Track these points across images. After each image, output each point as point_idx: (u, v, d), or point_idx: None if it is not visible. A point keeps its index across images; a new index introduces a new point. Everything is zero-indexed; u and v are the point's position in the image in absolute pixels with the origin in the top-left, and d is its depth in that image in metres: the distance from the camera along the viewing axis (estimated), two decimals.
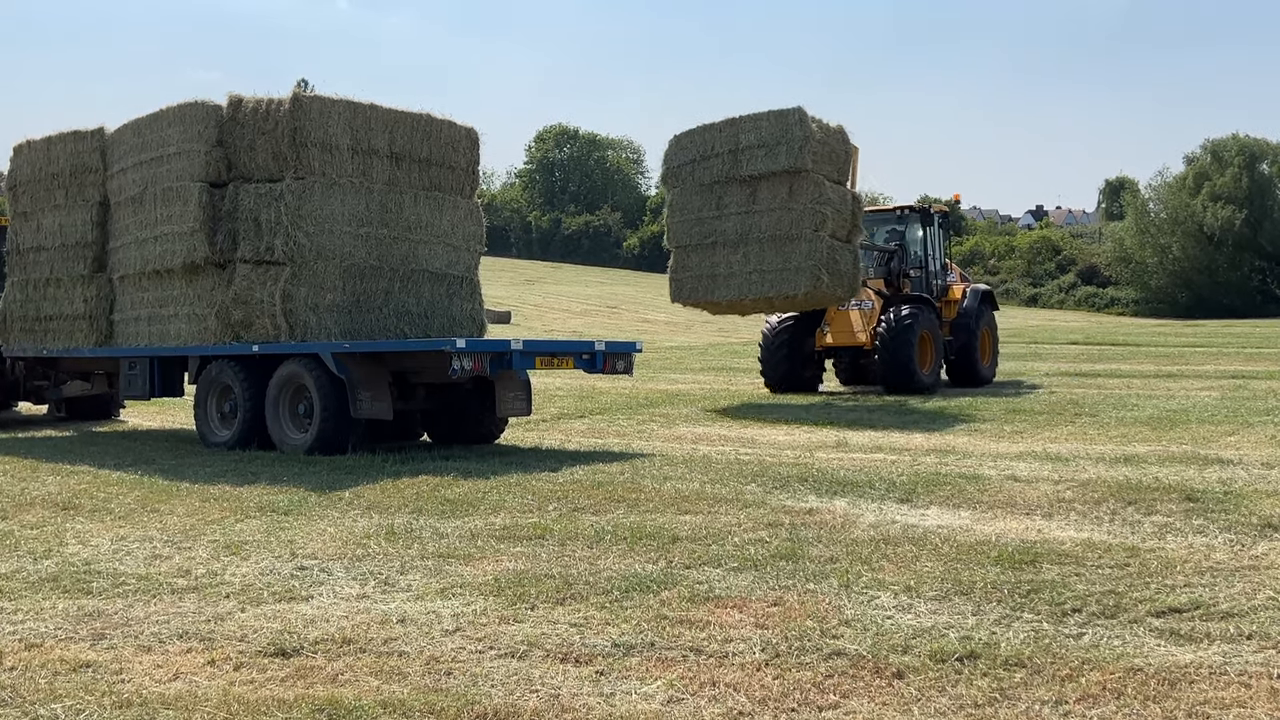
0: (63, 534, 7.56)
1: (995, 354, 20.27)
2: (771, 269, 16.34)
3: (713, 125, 16.99)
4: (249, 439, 11.81)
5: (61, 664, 4.76)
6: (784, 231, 16.19)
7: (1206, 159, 74.18)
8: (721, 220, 16.89)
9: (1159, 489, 8.05)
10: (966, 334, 19.22)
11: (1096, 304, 72.70)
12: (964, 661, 4.50)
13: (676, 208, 17.49)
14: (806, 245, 15.95)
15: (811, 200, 15.93)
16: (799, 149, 15.91)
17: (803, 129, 15.92)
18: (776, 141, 16.14)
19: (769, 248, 16.36)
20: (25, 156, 14.79)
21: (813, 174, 15.97)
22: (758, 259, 16.47)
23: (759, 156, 16.31)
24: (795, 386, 18.70)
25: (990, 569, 5.89)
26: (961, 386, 18.95)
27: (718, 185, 16.89)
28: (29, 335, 14.79)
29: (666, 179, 17.74)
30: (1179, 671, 4.35)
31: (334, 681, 4.50)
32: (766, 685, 4.33)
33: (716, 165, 16.87)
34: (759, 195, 16.46)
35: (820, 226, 15.92)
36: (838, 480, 8.84)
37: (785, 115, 16.15)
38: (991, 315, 20.30)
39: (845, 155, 16.81)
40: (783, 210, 16.21)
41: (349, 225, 12.06)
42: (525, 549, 6.69)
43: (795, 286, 16.13)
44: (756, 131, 16.36)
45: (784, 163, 16.07)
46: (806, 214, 15.95)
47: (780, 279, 16.26)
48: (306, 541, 7.08)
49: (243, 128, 12.03)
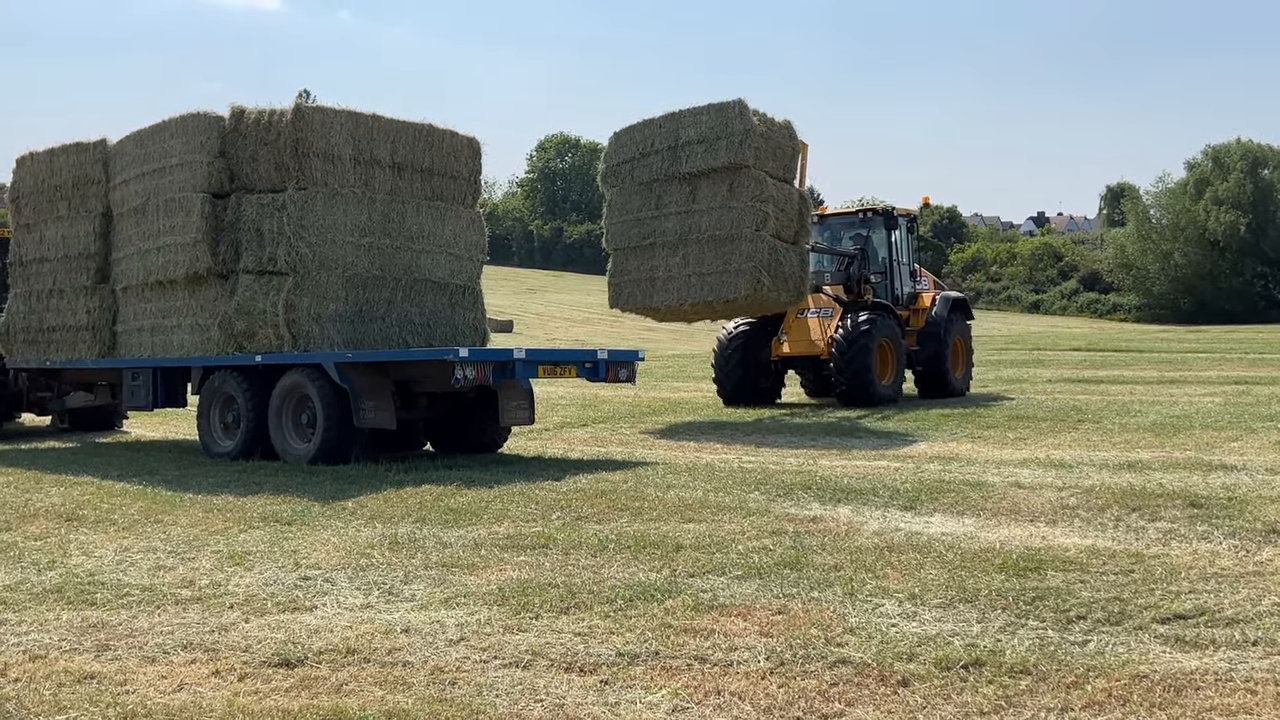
0: (67, 545, 7.56)
1: (969, 364, 19.22)
2: (711, 271, 15.40)
3: (653, 120, 16.08)
4: (252, 449, 11.82)
5: (66, 675, 4.75)
6: (724, 232, 15.24)
7: (1208, 165, 74.20)
8: (661, 220, 15.93)
9: (1163, 495, 8.04)
10: (936, 343, 18.12)
11: (1099, 310, 72.73)
12: (969, 669, 4.49)
13: (616, 208, 16.47)
14: (747, 246, 15.00)
15: (752, 198, 14.99)
16: (739, 144, 14.97)
17: (743, 123, 14.98)
18: (717, 136, 15.21)
19: (708, 249, 15.41)
20: (28, 168, 14.82)
21: (753, 170, 15.04)
22: (697, 261, 15.51)
23: (699, 153, 15.38)
24: (751, 398, 17.66)
25: (995, 576, 5.88)
26: (932, 398, 17.97)
27: (657, 184, 15.94)
28: (32, 347, 14.81)
29: (606, 178, 16.70)
30: (1185, 678, 4.34)
31: (338, 692, 4.49)
32: (771, 694, 4.33)
33: (656, 162, 15.91)
34: (699, 194, 15.53)
35: (761, 226, 14.98)
36: (841, 488, 8.83)
37: (726, 109, 15.24)
38: (965, 324, 19.23)
39: (792, 151, 15.84)
40: (723, 209, 15.27)
41: (351, 235, 12.08)
42: (529, 558, 6.69)
43: (734, 290, 15.19)
44: (697, 126, 15.43)
45: (724, 159, 15.13)
46: (747, 213, 15.01)
47: (719, 282, 15.33)
48: (310, 551, 7.07)
49: (245, 138, 12.05)
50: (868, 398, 16.39)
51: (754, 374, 17.73)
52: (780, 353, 17.56)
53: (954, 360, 18.50)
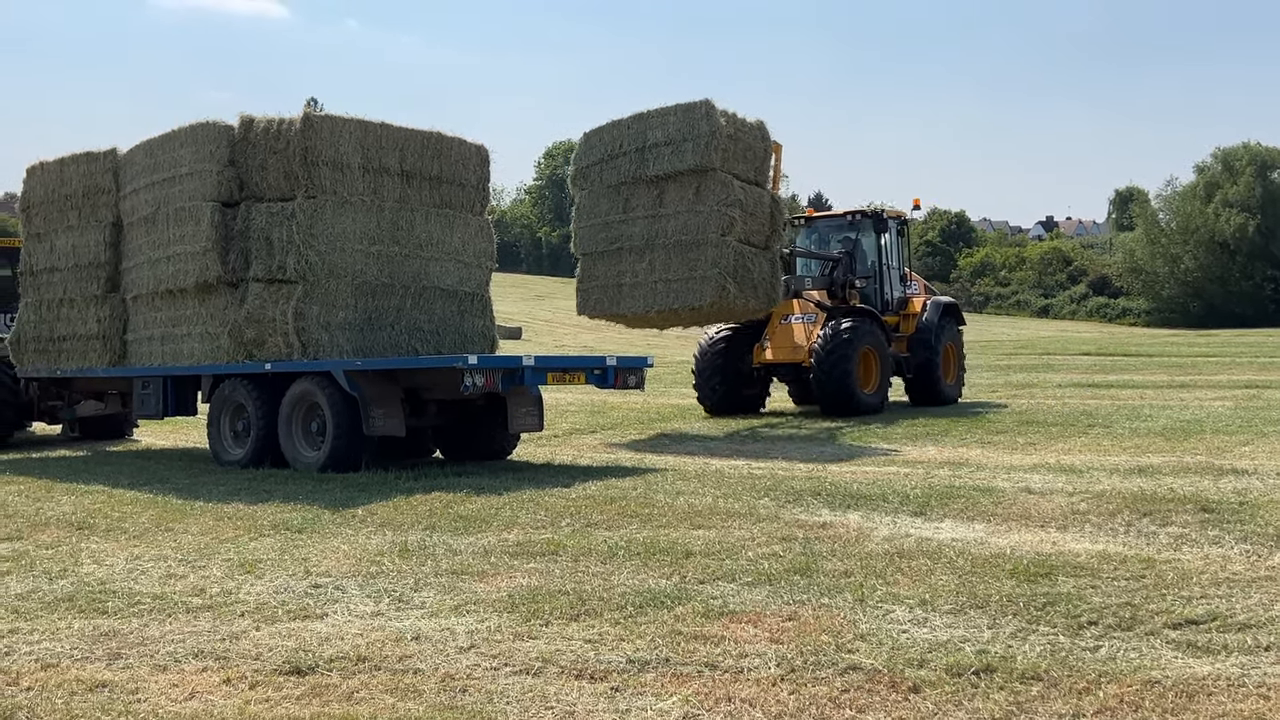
0: (78, 554, 7.58)
1: (961, 371, 18.64)
2: (677, 278, 14.96)
3: (621, 121, 15.61)
4: (262, 457, 11.84)
5: (78, 684, 4.77)
6: (690, 237, 14.82)
7: (1217, 168, 74.13)
8: (628, 224, 15.49)
9: (1174, 500, 8.02)
10: (926, 350, 17.55)
11: (1108, 314, 72.62)
12: (980, 675, 4.48)
13: (584, 211, 16.07)
14: (712, 251, 14.57)
15: (718, 202, 14.56)
16: (705, 146, 14.51)
17: (709, 124, 14.53)
18: (683, 138, 14.76)
19: (674, 255, 14.98)
20: (38, 178, 14.88)
21: (720, 173, 14.60)
22: (663, 267, 15.09)
23: (666, 155, 14.92)
24: (735, 407, 17.20)
25: (1005, 582, 5.87)
26: (923, 406, 17.47)
27: (625, 186, 15.51)
28: (43, 356, 14.85)
29: (575, 180, 16.29)
30: (1197, 684, 4.33)
31: (349, 699, 4.50)
32: (782, 700, 4.32)
33: (624, 165, 15.46)
34: (666, 197, 15.10)
35: (728, 231, 14.54)
36: (851, 494, 8.82)
37: (692, 109, 14.81)
38: (956, 330, 18.65)
39: (764, 153, 15.38)
40: (690, 213, 14.85)
41: (360, 243, 12.11)
42: (539, 565, 6.69)
43: (700, 297, 14.73)
44: (664, 128, 14.99)
45: (690, 161, 14.67)
46: (713, 217, 14.59)
47: (685, 289, 14.86)
48: (320, 559, 7.09)
49: (254, 147, 12.09)
50: (849, 407, 15.91)
51: (736, 382, 17.24)
52: (763, 360, 17.07)
53: (945, 367, 18.03)
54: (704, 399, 17.33)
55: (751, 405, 17.60)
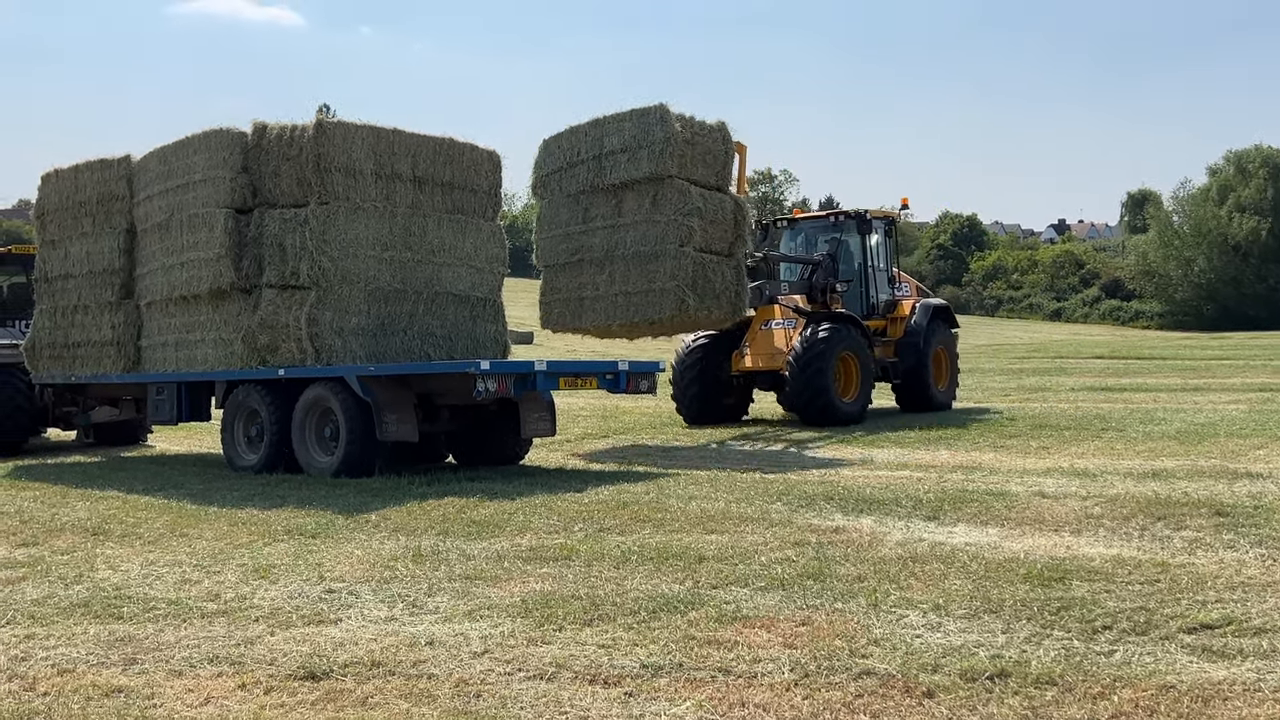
0: (93, 559, 7.62)
1: (954, 376, 18.06)
2: (636, 290, 14.36)
3: (579, 127, 15.03)
4: (276, 462, 11.88)
5: (94, 689, 4.79)
6: (648, 248, 14.23)
7: (1230, 170, 73.78)
8: (588, 235, 14.90)
9: (1188, 504, 7.99)
10: (915, 354, 16.96)
11: (1121, 318, 72.36)
12: (995, 680, 4.48)
13: (545, 222, 15.55)
14: (670, 263, 13.97)
15: (675, 211, 13.98)
16: (660, 153, 13.96)
17: (664, 130, 13.97)
18: (639, 145, 14.21)
19: (633, 266, 14.39)
20: (53, 185, 14.96)
21: (677, 180, 14.02)
22: (623, 279, 14.49)
23: (622, 162, 14.36)
24: (715, 417, 16.68)
25: (1019, 586, 5.86)
26: (914, 413, 16.97)
27: (584, 195, 14.92)
28: (57, 362, 14.92)
29: (536, 189, 15.76)
30: (1212, 689, 4.32)
31: (364, 704, 4.51)
32: (796, 705, 4.32)
33: (583, 173, 14.86)
34: (624, 206, 14.50)
35: (686, 241, 13.95)
36: (864, 498, 8.81)
37: (647, 114, 14.25)
38: (948, 333, 18.02)
39: (725, 156, 14.76)
40: (647, 223, 14.27)
41: (373, 249, 12.14)
42: (552, 570, 6.70)
43: (659, 310, 14.17)
44: (620, 134, 14.41)
45: (646, 169, 14.11)
46: (671, 227, 14.01)
47: (644, 301, 14.28)
48: (334, 564, 7.11)
49: (267, 154, 12.14)
50: (827, 416, 15.38)
51: (715, 391, 16.72)
52: (742, 367, 16.57)
53: (937, 372, 17.48)
54: (682, 409, 16.90)
55: (733, 414, 17.12)
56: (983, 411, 16.85)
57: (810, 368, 15.31)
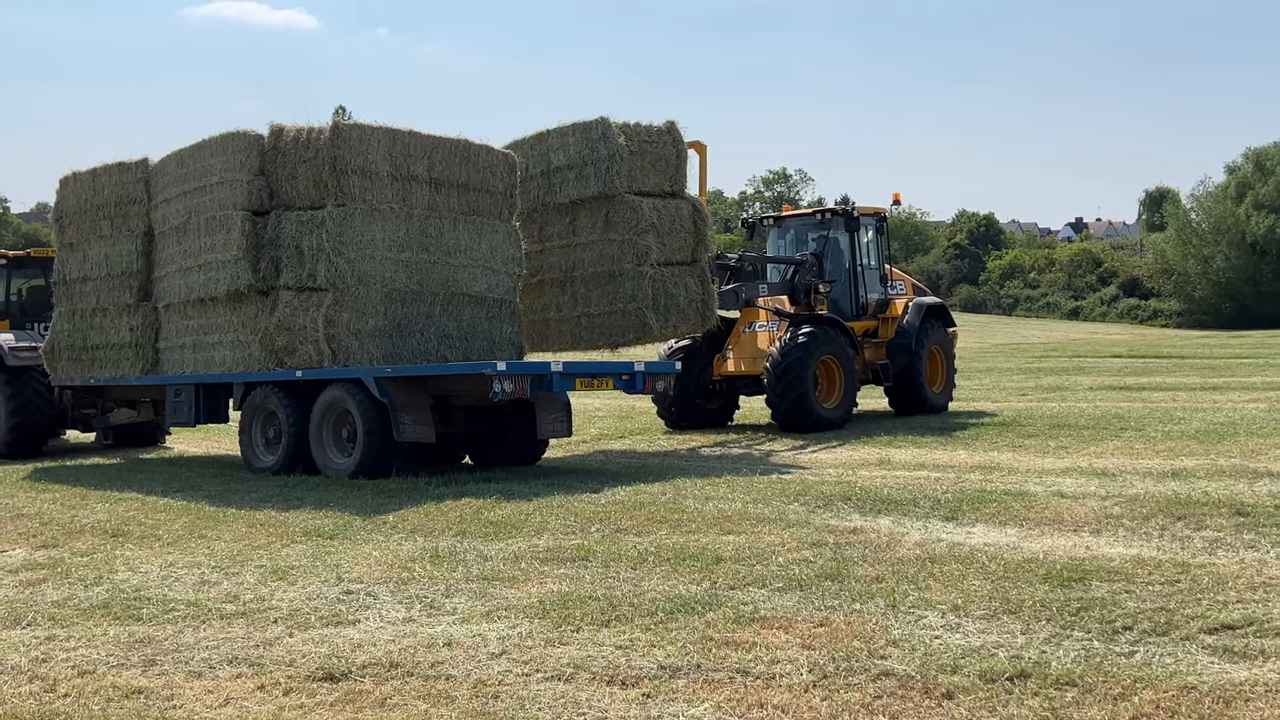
0: (112, 561, 7.65)
1: (950, 377, 17.37)
2: (598, 311, 14.03)
3: (523, 141, 14.63)
4: (293, 464, 11.91)
5: (114, 691, 4.81)
6: (605, 268, 13.89)
7: (1249, 168, 73.24)
8: (546, 255, 14.53)
9: (1208, 504, 7.95)
10: (907, 355, 16.25)
11: (1139, 316, 71.94)
12: (1014, 681, 4.46)
13: None
14: (629, 284, 13.64)
15: (629, 230, 13.60)
16: (606, 170, 13.61)
17: (608, 146, 13.61)
18: (585, 162, 13.86)
19: (593, 287, 14.05)
20: (71, 188, 15.03)
21: (627, 197, 13.67)
22: (584, 300, 14.16)
23: (570, 180, 14.01)
24: (699, 421, 16.19)
25: (1039, 587, 5.84)
26: (909, 415, 16.33)
27: (537, 213, 14.52)
28: (76, 364, 14.99)
29: None
30: (1234, 690, 4.29)
31: (383, 705, 4.52)
32: (815, 707, 4.31)
33: (533, 189, 14.42)
34: (578, 225, 14.13)
35: (643, 260, 13.59)
36: (881, 499, 8.79)
37: (589, 129, 13.92)
38: (943, 332, 17.25)
39: (676, 159, 14.25)
40: (602, 243, 13.91)
41: (390, 250, 12.16)
42: (569, 571, 6.70)
43: (622, 333, 13.86)
44: (564, 149, 14.07)
45: (594, 187, 13.80)
46: (626, 246, 13.65)
47: (607, 323, 13.93)
48: (352, 565, 7.12)
49: (284, 156, 12.18)
50: (807, 422, 14.72)
51: (698, 396, 16.12)
52: (724, 371, 16.01)
53: (931, 373, 16.83)
54: (663, 413, 16.39)
55: (716, 419, 16.57)
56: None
57: (789, 373, 14.70)
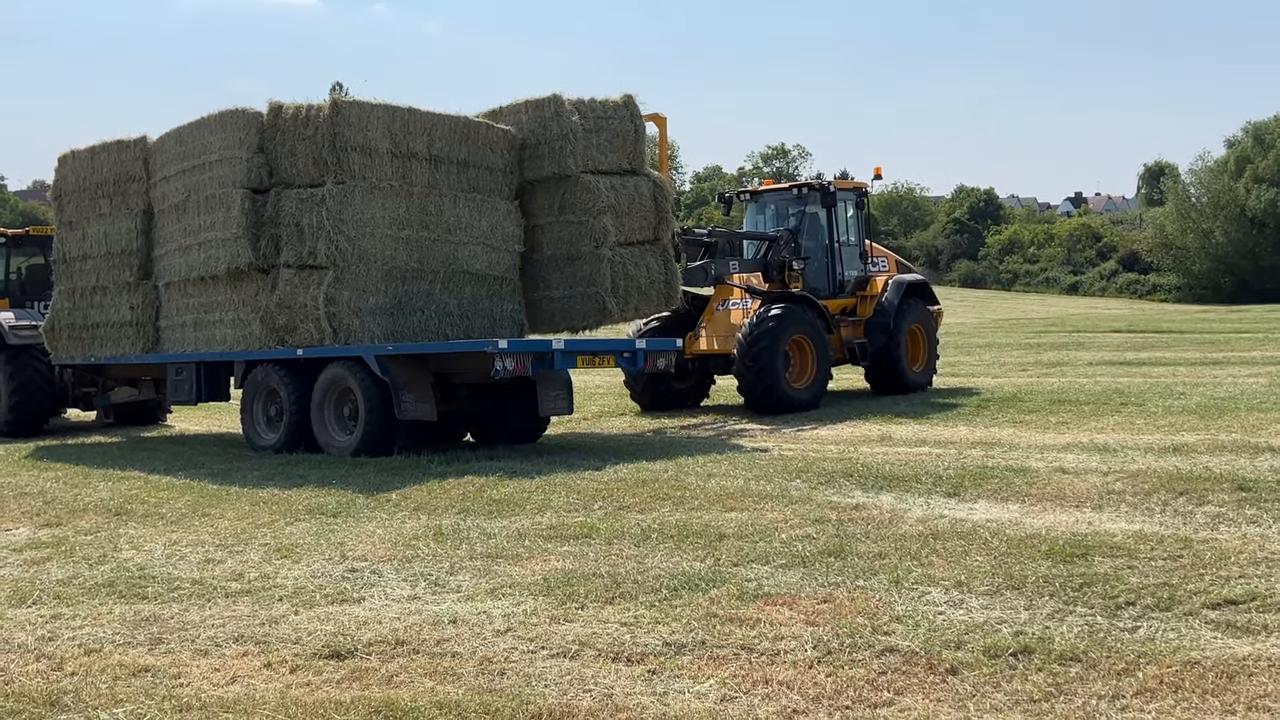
0: (117, 540, 7.67)
1: (931, 355, 16.84)
2: (560, 295, 13.60)
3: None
4: (295, 442, 11.93)
5: (121, 669, 4.83)
6: (564, 250, 13.48)
7: (1248, 142, 73.04)
8: None
9: (1210, 479, 7.96)
10: (885, 334, 15.72)
11: (1138, 291, 71.88)
12: (1018, 657, 4.48)
13: None
14: (587, 268, 13.24)
15: (585, 212, 13.19)
16: (559, 150, 13.13)
17: (560, 125, 13.13)
18: (538, 141, 13.38)
19: (552, 270, 13.64)
20: (70, 166, 14.99)
21: (582, 177, 13.20)
22: (543, 284, 13.75)
23: (524, 159, 13.53)
24: (671, 402, 15.81)
25: (1041, 563, 5.85)
26: (890, 394, 15.87)
27: None
28: (77, 343, 14.99)
29: None
30: (1237, 664, 4.31)
31: (389, 683, 4.54)
32: (819, 682, 4.33)
33: None
34: (535, 206, 13.67)
35: (601, 243, 13.15)
36: (883, 475, 8.81)
37: (541, 107, 13.38)
38: (924, 310, 16.74)
39: (634, 135, 13.74)
40: (560, 224, 13.49)
41: (390, 228, 12.14)
42: (573, 548, 6.72)
43: (582, 316, 13.46)
44: (518, 129, 13.53)
45: (548, 168, 13.31)
46: (583, 229, 13.24)
47: (568, 307, 13.54)
48: (356, 543, 7.14)
49: (283, 134, 12.14)
50: (776, 403, 14.26)
51: (668, 375, 14.64)
52: (696, 350, 15.51)
53: (911, 352, 16.35)
54: (635, 394, 16.03)
55: (688, 400, 16.16)
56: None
57: (758, 353, 14.23)
